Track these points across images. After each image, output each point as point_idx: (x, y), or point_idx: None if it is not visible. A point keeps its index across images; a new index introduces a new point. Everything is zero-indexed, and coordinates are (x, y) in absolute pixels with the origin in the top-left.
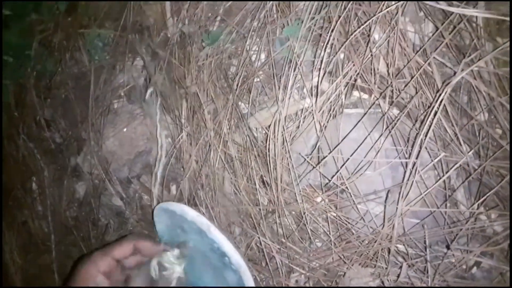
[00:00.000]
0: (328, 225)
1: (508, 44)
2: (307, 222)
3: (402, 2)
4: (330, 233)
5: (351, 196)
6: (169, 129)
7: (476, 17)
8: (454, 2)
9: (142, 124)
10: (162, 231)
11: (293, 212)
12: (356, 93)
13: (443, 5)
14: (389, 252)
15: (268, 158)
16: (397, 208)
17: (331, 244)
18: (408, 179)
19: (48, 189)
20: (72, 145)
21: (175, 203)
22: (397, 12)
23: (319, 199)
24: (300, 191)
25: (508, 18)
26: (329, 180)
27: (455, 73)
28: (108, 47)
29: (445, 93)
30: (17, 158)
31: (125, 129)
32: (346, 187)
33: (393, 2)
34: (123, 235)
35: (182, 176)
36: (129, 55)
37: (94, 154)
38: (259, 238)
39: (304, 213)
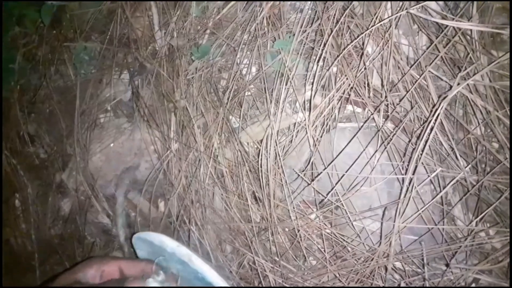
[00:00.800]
0: (323, 242)
1: (504, 57)
2: (301, 239)
3: (395, 15)
4: (325, 251)
5: (346, 213)
6: (157, 144)
7: (471, 30)
8: (449, 15)
9: (129, 139)
10: (144, 258)
11: (287, 229)
12: (349, 107)
13: (437, 18)
14: (386, 270)
15: (260, 174)
16: (394, 225)
17: (326, 262)
18: (404, 195)
19: (32, 206)
20: (57, 160)
21: (153, 233)
22: (390, 26)
23: (313, 216)
24: (294, 208)
25: (503, 32)
26: (325, 197)
27: (450, 87)
28: (94, 61)
29: (441, 108)
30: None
31: (112, 144)
32: (341, 204)
33: (386, 16)
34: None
35: (171, 192)
36: (116, 69)
37: (80, 170)
38: (251, 256)
39: (298, 231)
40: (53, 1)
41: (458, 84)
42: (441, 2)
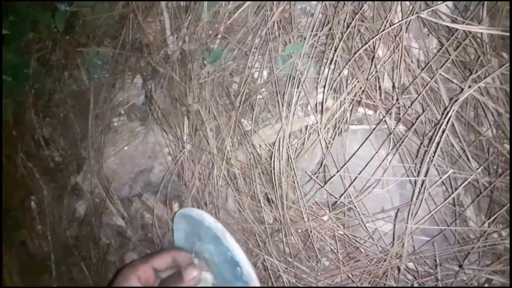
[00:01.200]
0: (336, 243)
1: None
2: (314, 240)
3: (405, 20)
4: (338, 252)
5: (359, 214)
6: (170, 147)
7: (481, 33)
8: (459, 18)
9: (143, 142)
10: (179, 239)
11: (299, 231)
12: (361, 110)
13: (447, 22)
14: (399, 271)
15: (273, 176)
16: (406, 226)
17: (339, 263)
18: (417, 197)
19: (48, 208)
20: (72, 163)
21: (195, 208)
22: (401, 29)
23: (326, 218)
24: (306, 209)
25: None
26: (337, 199)
27: (462, 89)
28: (107, 65)
29: (453, 110)
30: (15, 177)
31: (125, 148)
32: (354, 206)
33: (396, 20)
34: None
35: (185, 193)
36: (128, 73)
37: (95, 173)
38: (265, 257)
39: (311, 232)
40: (66, 8)
41: (469, 86)
42: (451, 5)
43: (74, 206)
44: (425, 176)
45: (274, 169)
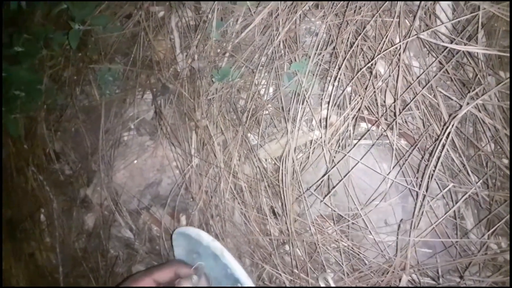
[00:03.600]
0: (340, 255)
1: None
2: (319, 252)
3: (405, 41)
4: (342, 263)
5: (365, 227)
6: (178, 161)
7: (478, 53)
8: (457, 39)
9: (152, 156)
10: (180, 255)
11: (305, 243)
12: (364, 125)
13: (446, 42)
14: (402, 282)
15: (278, 189)
16: (409, 239)
17: (343, 275)
18: (419, 210)
19: (57, 221)
20: (82, 177)
21: (192, 227)
22: (400, 47)
23: (330, 230)
24: (312, 222)
25: (506, 54)
26: (338, 212)
27: (460, 106)
28: (118, 81)
29: (452, 126)
30: (26, 190)
31: (135, 161)
32: (358, 219)
33: (397, 39)
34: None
35: (192, 206)
36: (139, 89)
37: (104, 186)
38: (270, 269)
39: (317, 244)
40: (80, 27)
41: (468, 103)
42: (449, 26)
43: (83, 219)
44: (426, 190)
45: (280, 183)
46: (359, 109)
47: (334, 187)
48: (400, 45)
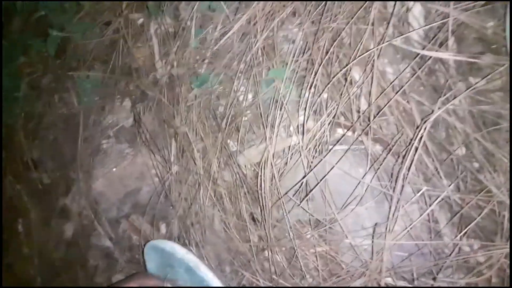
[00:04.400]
0: (317, 260)
1: (480, 83)
2: (298, 258)
3: (378, 46)
4: (320, 269)
5: (340, 231)
6: (158, 168)
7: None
8: (429, 45)
9: (131, 163)
10: (152, 269)
11: (284, 249)
12: (340, 130)
13: (418, 49)
14: (378, 285)
15: (257, 195)
16: (384, 242)
17: (322, 280)
18: (393, 214)
19: (35, 231)
20: (60, 185)
21: (165, 240)
22: (374, 54)
23: (309, 235)
24: (290, 227)
25: (479, 60)
26: (314, 217)
27: (432, 111)
28: (97, 89)
29: (425, 129)
30: (3, 200)
31: (114, 169)
32: (335, 224)
33: (372, 46)
34: (131, 274)
35: (172, 214)
36: (118, 96)
37: (83, 195)
38: (250, 276)
39: (296, 250)
40: (58, 33)
41: (439, 108)
42: (422, 33)
43: (62, 228)
44: (400, 193)
45: (259, 189)
46: (334, 115)
47: (310, 191)
48: (374, 52)
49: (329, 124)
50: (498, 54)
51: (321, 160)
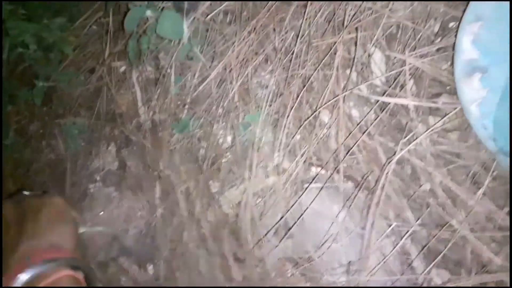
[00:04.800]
0: None
1: (438, 124)
2: None
3: (342, 95)
4: None
5: (317, 269)
6: (143, 210)
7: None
8: (389, 90)
9: (118, 206)
10: None
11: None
12: (314, 169)
13: (380, 94)
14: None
15: (240, 235)
16: (358, 279)
17: None
18: (366, 250)
19: None
20: None
21: None
22: (340, 100)
23: (289, 273)
24: (272, 266)
25: (437, 103)
26: (300, 259)
27: (395, 152)
28: (83, 134)
29: (389, 169)
30: None
31: (101, 213)
32: (312, 262)
33: (338, 90)
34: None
35: (158, 256)
36: (103, 141)
37: None
38: None
39: None
40: (44, 84)
41: (401, 149)
42: (384, 80)
43: None
44: (371, 229)
45: (240, 229)
46: (307, 156)
47: (289, 230)
48: (339, 98)
49: (303, 163)
50: (453, 94)
51: (296, 200)
